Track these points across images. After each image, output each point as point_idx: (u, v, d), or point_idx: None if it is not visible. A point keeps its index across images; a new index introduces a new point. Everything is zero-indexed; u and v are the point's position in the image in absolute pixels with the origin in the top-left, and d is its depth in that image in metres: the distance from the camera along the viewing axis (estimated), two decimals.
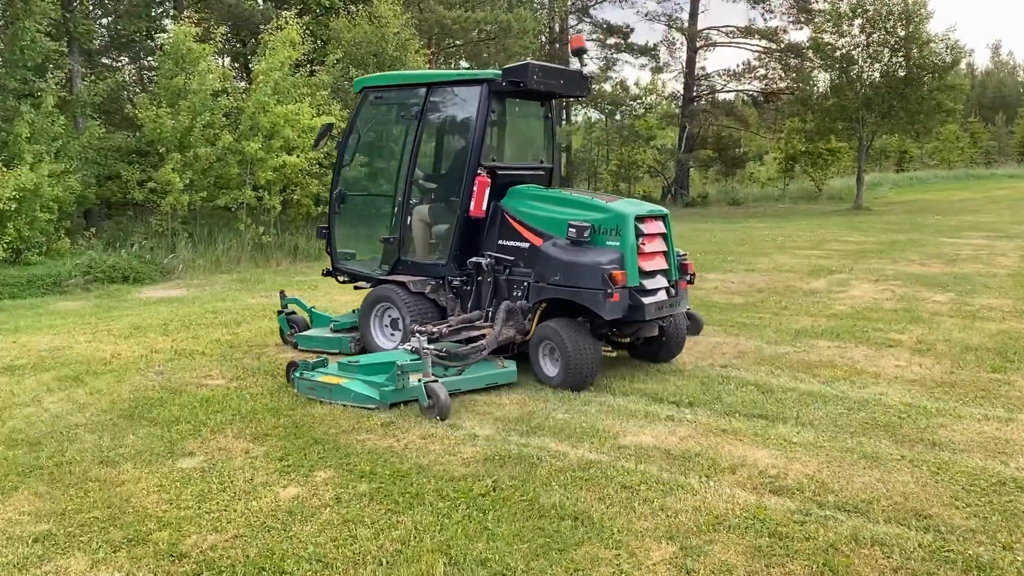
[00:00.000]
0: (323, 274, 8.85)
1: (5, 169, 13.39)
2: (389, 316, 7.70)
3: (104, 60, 25.18)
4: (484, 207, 7.25)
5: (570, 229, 6.71)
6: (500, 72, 7.41)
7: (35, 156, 14.14)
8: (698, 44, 35.58)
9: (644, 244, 6.77)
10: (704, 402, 6.26)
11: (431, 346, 6.39)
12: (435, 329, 6.82)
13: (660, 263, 6.93)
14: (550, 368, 6.76)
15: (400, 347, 7.06)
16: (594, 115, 39.12)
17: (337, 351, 7.80)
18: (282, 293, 8.84)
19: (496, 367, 6.76)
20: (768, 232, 20.61)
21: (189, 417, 6.05)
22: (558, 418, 5.91)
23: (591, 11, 36.27)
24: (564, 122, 35.37)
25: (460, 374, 6.52)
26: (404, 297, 7.43)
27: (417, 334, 6.51)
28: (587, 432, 5.59)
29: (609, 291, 6.37)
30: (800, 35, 49.36)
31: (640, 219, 6.81)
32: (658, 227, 7.01)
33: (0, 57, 15.94)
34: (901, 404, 6.14)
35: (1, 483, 4.87)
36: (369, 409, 6.09)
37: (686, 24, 35.65)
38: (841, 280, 12.32)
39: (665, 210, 7.21)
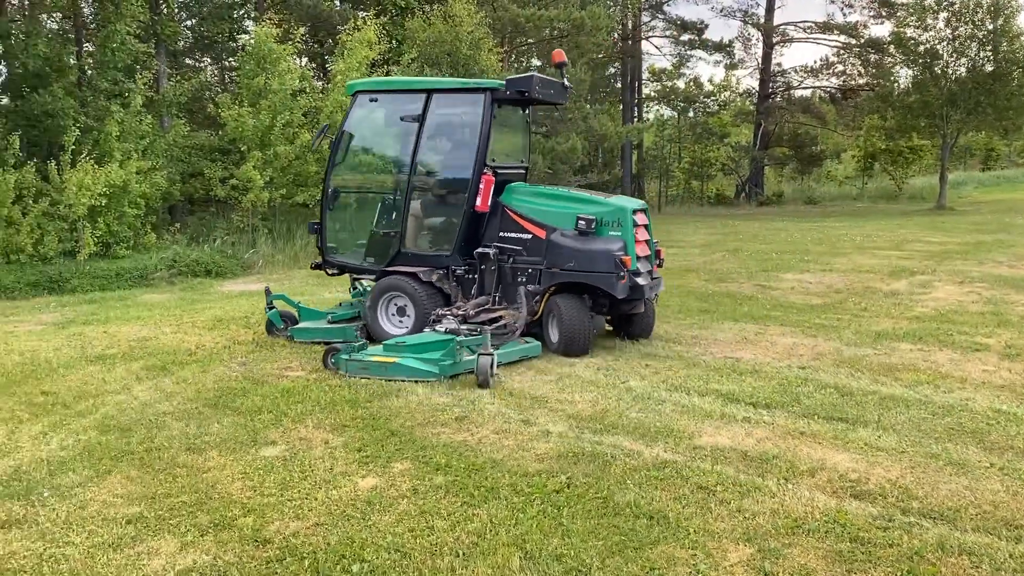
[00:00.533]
0: (312, 267, 9.38)
1: (96, 167, 13.94)
2: (396, 304, 8.23)
3: (187, 61, 26.02)
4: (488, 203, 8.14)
5: (579, 221, 7.70)
6: (503, 83, 8.23)
7: (124, 154, 14.71)
8: (774, 40, 34.87)
9: (636, 234, 7.82)
10: (782, 404, 6.16)
11: (464, 327, 7.47)
12: (460, 312, 7.73)
13: (645, 250, 8.05)
14: (553, 335, 7.79)
15: (432, 329, 7.67)
16: (666, 112, 38.77)
17: (341, 339, 7.99)
18: (267, 290, 9.01)
19: (521, 344, 7.61)
20: (846, 232, 20.07)
21: (271, 407, 6.22)
22: (632, 417, 5.88)
23: (664, 7, 35.87)
24: (635, 119, 35.08)
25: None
26: (415, 286, 8.06)
27: (447, 316, 7.62)
28: (661, 432, 5.56)
29: (620, 274, 7.47)
30: (881, 30, 47.87)
31: (634, 212, 7.90)
32: (644, 219, 8.10)
33: (92, 59, 16.64)
34: (989, 410, 5.93)
35: (96, 466, 5.09)
36: (420, 381, 6.77)
37: (762, 19, 35.00)
38: (923, 282, 11.94)
39: (646, 204, 8.45)
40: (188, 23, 24.23)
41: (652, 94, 38.68)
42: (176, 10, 22.21)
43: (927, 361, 7.39)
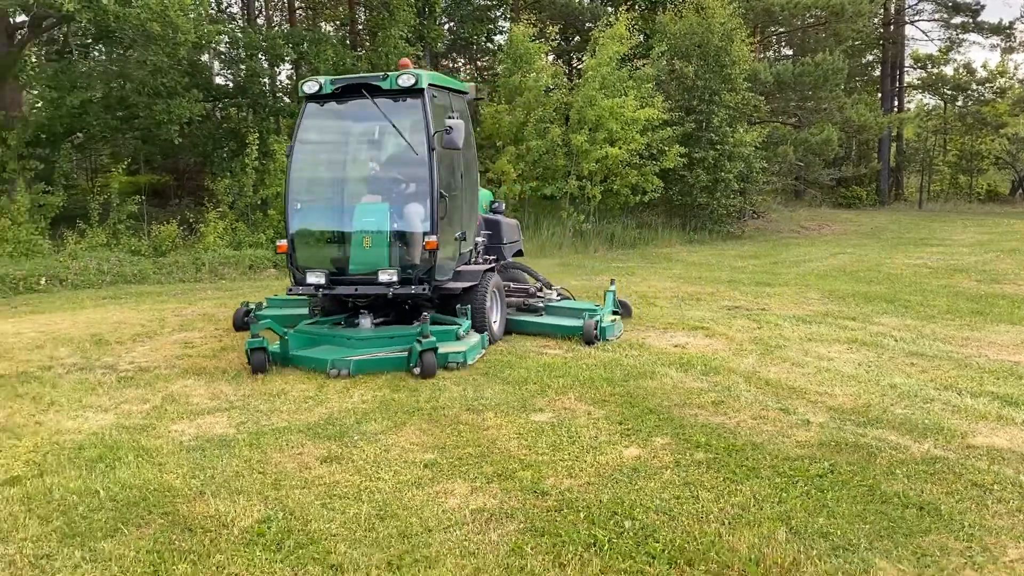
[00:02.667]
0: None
1: None
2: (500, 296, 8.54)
3: (443, 62, 27.80)
4: None
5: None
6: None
7: None
8: None
9: None
10: None
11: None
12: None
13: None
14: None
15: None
16: (929, 101, 35.90)
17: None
18: (248, 312, 8.58)
19: None
20: None
21: (535, 379, 6.73)
22: (897, 413, 5.75)
23: None
24: (895, 109, 32.79)
25: None
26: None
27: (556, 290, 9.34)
28: (931, 429, 5.40)
29: None
30: None
31: None
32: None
33: (369, 62, 18.33)
34: None
35: (392, 419, 5.82)
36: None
37: None
38: None
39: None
40: (448, 25, 25.92)
41: (915, 82, 35.93)
42: (439, 14, 23.85)
43: None
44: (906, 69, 35.34)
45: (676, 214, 20.73)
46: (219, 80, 19.80)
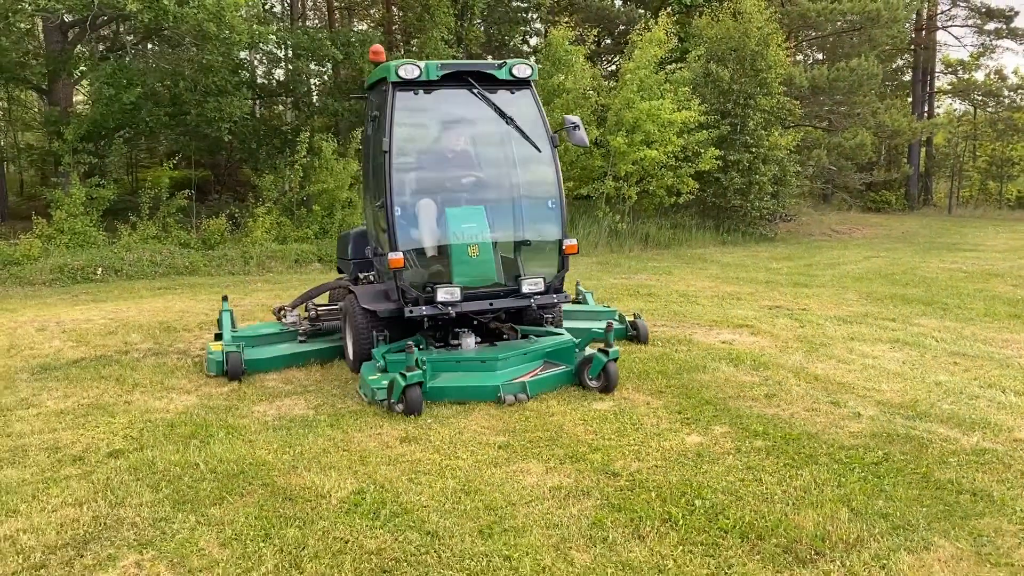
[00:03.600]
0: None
1: None
2: None
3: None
4: None
5: None
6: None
7: None
8: None
9: None
10: None
11: None
12: None
13: None
14: None
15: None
16: (959, 107, 35.82)
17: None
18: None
19: None
20: None
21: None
22: (944, 408, 6.01)
23: None
24: (926, 114, 32.78)
25: None
26: None
27: None
28: (978, 423, 5.66)
29: None
30: None
31: None
32: None
33: None
34: None
35: (462, 404, 6.14)
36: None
37: None
38: None
39: None
40: (481, 27, 26.28)
41: (945, 87, 35.88)
42: (476, 16, 24.22)
43: None
44: (936, 74, 35.29)
45: (709, 215, 20.95)
46: (262, 79, 20.26)
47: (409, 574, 3.72)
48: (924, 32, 32.56)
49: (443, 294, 6.40)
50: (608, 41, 27.02)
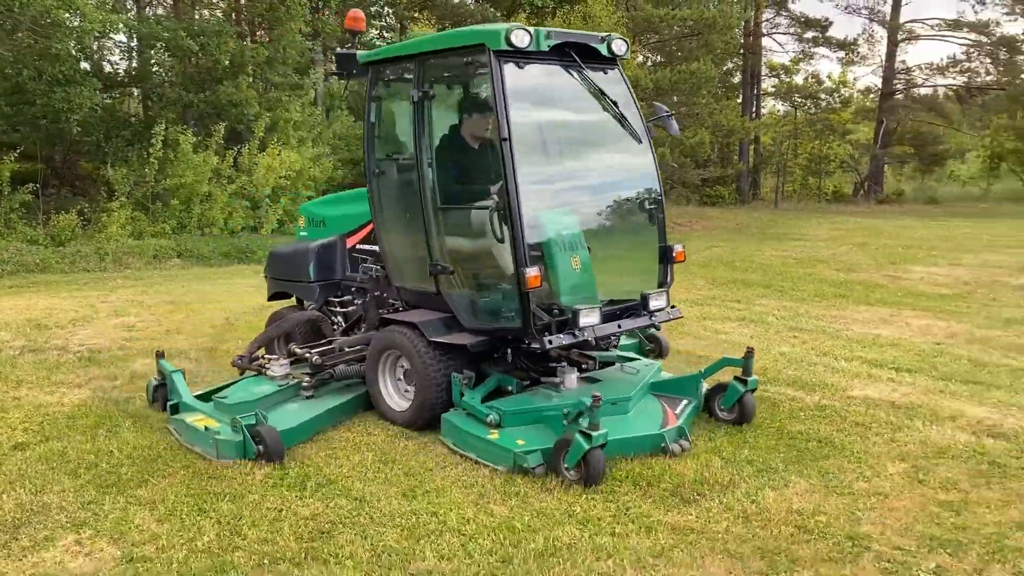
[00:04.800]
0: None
1: (280, 152, 15.74)
2: None
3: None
4: None
5: None
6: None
7: (299, 141, 16.48)
8: (900, 37, 34.53)
9: None
10: (921, 369, 7.06)
11: None
12: None
13: None
14: None
15: None
16: (781, 108, 38.83)
17: None
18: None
19: None
20: (971, 230, 20.22)
21: None
22: (789, 374, 6.91)
23: (789, 4, 36.00)
24: (754, 114, 35.39)
25: None
26: None
27: None
28: (817, 385, 6.57)
29: None
30: (1014, 27, 46.45)
31: None
32: None
33: (262, 56, 18.46)
34: None
35: None
36: None
37: (888, 17, 34.71)
38: None
39: None
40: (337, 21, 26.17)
41: (770, 89, 38.86)
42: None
43: None
44: (762, 77, 38.14)
45: None
46: (109, 69, 19.42)
47: (346, 534, 4.07)
48: (752, 38, 35.10)
49: (586, 317, 5.06)
50: None
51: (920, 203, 33.03)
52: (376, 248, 6.19)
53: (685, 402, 5.64)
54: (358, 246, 6.61)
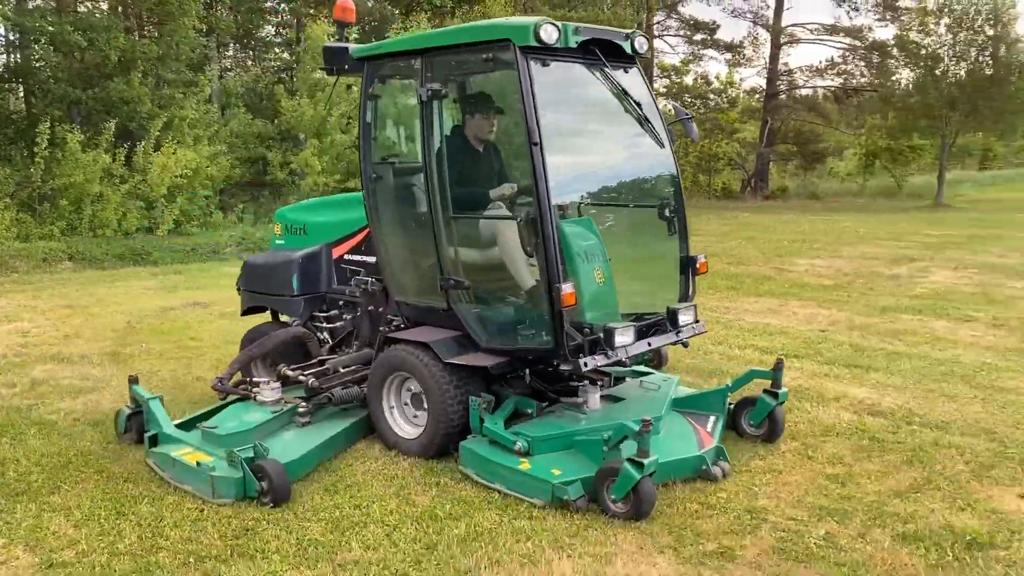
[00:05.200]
0: None
1: (175, 151, 15.33)
2: None
3: (228, 54, 27.28)
4: None
5: None
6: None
7: (195, 139, 16.09)
8: (782, 40, 36.20)
9: None
10: (807, 355, 7.58)
11: None
12: None
13: None
14: None
15: None
16: (672, 108, 40.02)
17: None
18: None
19: None
20: (849, 225, 21.48)
21: None
22: (688, 362, 7.30)
23: (679, 8, 37.22)
24: None
25: None
26: None
27: None
28: (715, 372, 6.99)
29: None
30: (885, 33, 49.46)
31: None
32: None
33: (154, 52, 17.93)
34: (976, 362, 7.33)
35: None
36: None
37: (771, 21, 36.34)
38: (922, 268, 13.33)
39: None
40: (232, 16, 25.56)
41: (661, 89, 40.07)
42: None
43: (925, 328, 8.79)
44: (655, 78, 39.31)
45: None
46: None
47: (271, 530, 4.14)
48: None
49: (622, 336, 4.71)
50: (373, 40, 27.25)
51: (803, 199, 34.73)
52: (369, 259, 5.80)
53: (714, 418, 5.31)
54: (346, 256, 6.08)
